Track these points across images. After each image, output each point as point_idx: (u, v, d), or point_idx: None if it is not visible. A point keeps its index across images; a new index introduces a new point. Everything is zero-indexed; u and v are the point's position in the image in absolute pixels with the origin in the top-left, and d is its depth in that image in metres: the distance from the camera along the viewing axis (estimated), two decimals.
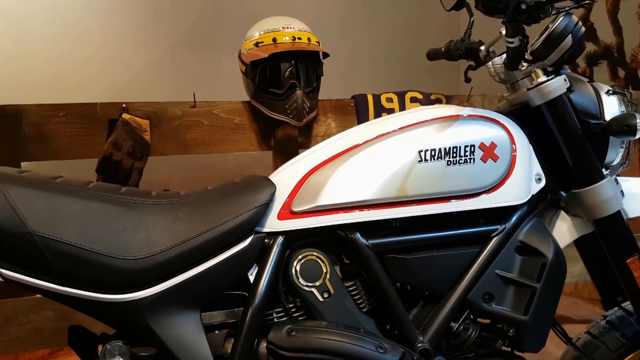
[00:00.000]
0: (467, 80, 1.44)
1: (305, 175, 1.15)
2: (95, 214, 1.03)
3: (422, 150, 1.13)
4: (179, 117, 2.06)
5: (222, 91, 2.26)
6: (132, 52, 2.73)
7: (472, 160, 1.14)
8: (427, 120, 1.17)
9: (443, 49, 1.49)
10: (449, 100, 2.24)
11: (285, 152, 2.16)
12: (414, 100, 2.17)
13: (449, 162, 1.13)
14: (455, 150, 1.13)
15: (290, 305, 1.15)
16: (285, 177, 1.17)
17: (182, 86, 2.67)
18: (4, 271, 0.98)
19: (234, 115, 2.14)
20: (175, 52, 2.83)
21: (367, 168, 1.14)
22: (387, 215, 1.13)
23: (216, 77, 2.91)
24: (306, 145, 2.22)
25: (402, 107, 2.16)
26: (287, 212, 1.14)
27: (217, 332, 1.11)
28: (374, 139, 1.16)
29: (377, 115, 2.13)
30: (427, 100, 2.17)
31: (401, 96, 2.18)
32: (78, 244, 1.00)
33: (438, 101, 2.18)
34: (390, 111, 2.16)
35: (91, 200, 1.05)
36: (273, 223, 1.13)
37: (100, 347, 1.12)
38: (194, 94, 2.05)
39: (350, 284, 1.17)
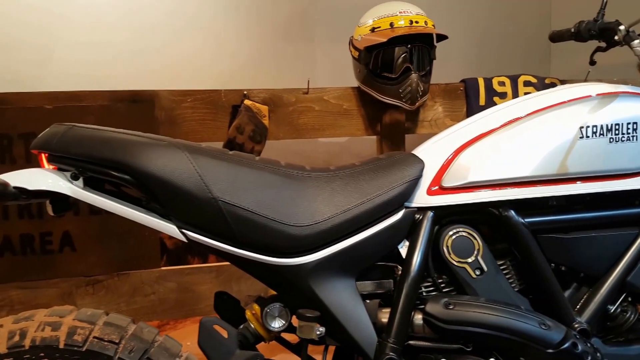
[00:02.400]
0: (593, 62, 1.41)
1: (456, 150, 1.16)
2: (267, 183, 1.09)
3: (583, 127, 1.12)
4: (292, 103, 2.12)
5: (316, 79, 2.31)
6: (238, 44, 2.83)
7: (635, 137, 1.12)
8: (586, 97, 1.16)
9: (573, 30, 1.46)
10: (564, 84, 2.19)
11: (392, 137, 2.19)
12: (527, 84, 2.14)
13: (611, 140, 1.12)
14: (617, 127, 1.11)
15: (439, 281, 1.17)
16: (434, 152, 1.18)
17: (279, 75, 2.75)
18: (188, 232, 1.06)
19: (343, 101, 2.18)
20: (275, 43, 2.90)
21: (524, 144, 1.14)
22: (546, 193, 1.13)
23: (310, 66, 2.97)
24: (412, 131, 2.24)
25: (515, 91, 2.13)
26: (437, 188, 1.15)
27: (368, 301, 1.15)
28: (528, 114, 1.16)
29: (489, 99, 2.12)
30: (541, 84, 2.13)
31: (514, 80, 2.16)
32: (254, 210, 1.06)
33: (552, 85, 2.14)
34: (503, 95, 2.14)
35: (262, 171, 1.11)
36: (422, 198, 1.16)
37: (248, 312, 1.19)
38: (308, 81, 2.10)
39: (500, 262, 1.18)
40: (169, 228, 1.06)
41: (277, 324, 1.14)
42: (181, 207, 1.04)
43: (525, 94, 2.10)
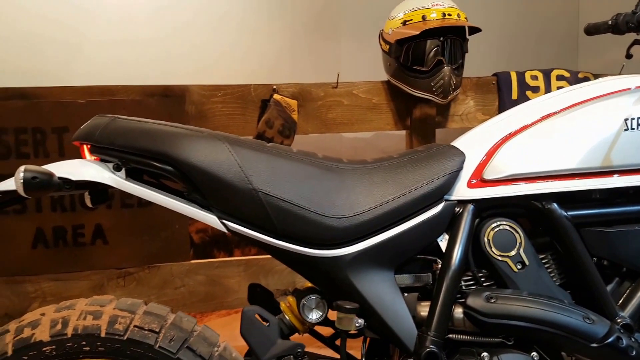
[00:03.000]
0: (629, 56, 1.39)
1: (498, 142, 1.15)
2: (305, 175, 1.09)
3: (628, 119, 1.10)
4: (321, 98, 2.12)
5: (342, 75, 2.30)
6: (266, 39, 2.84)
7: None
8: (625, 89, 1.14)
9: (610, 22, 1.43)
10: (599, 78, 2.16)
11: (422, 131, 2.17)
12: (560, 78, 2.11)
13: None
14: None
15: (480, 274, 1.16)
16: (475, 145, 1.17)
17: (307, 70, 2.75)
18: (228, 223, 1.06)
19: (372, 95, 2.17)
20: (302, 39, 2.91)
21: (567, 136, 1.12)
22: (589, 186, 1.11)
23: (337, 61, 2.96)
24: (443, 125, 2.22)
25: (548, 85, 2.10)
26: (478, 181, 1.14)
27: (406, 294, 1.14)
28: (570, 106, 1.15)
29: (521, 93, 2.09)
30: (574, 79, 2.10)
31: (546, 74, 2.13)
32: (294, 201, 1.06)
33: (586, 79, 2.11)
34: (535, 89, 2.11)
35: (301, 162, 1.10)
36: (463, 191, 1.14)
37: (282, 304, 1.19)
38: (337, 75, 2.09)
39: (541, 256, 1.16)
40: (210, 218, 1.06)
41: (314, 315, 1.14)
42: (222, 197, 1.05)
43: (558, 88, 2.08)
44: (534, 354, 1.09)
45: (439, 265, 1.13)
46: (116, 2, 2.63)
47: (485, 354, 1.07)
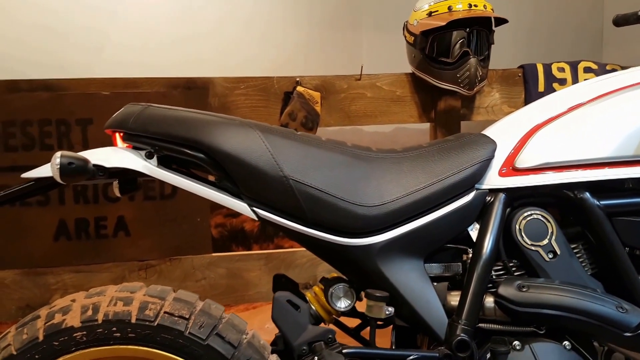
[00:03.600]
0: None
1: (530, 131, 1.13)
2: (336, 163, 1.08)
3: None
4: (344, 90, 2.11)
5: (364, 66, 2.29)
6: (288, 32, 2.84)
7: None
8: None
9: (639, 13, 1.41)
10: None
11: (447, 124, 2.15)
12: (587, 70, 2.08)
13: None
14: None
15: (510, 264, 1.14)
16: (506, 133, 1.16)
17: (329, 63, 2.74)
18: (259, 211, 1.05)
19: (396, 87, 2.16)
20: (323, 32, 2.89)
21: (599, 125, 1.11)
22: (622, 175, 1.09)
23: (358, 53, 2.95)
24: (468, 118, 2.20)
25: (575, 77, 2.07)
26: (510, 169, 1.13)
27: (435, 284, 1.13)
28: (602, 95, 1.13)
29: (548, 86, 2.06)
30: (602, 71, 2.07)
31: (574, 66, 2.10)
32: (325, 189, 1.05)
33: (614, 71, 2.07)
34: (562, 81, 2.08)
35: (330, 150, 1.10)
36: (494, 180, 1.13)
37: (308, 294, 1.18)
38: (361, 67, 2.08)
39: (573, 246, 1.14)
40: (241, 206, 1.06)
41: (342, 304, 1.13)
42: (253, 185, 1.04)
43: (586, 80, 2.04)
44: (566, 342, 1.08)
45: (470, 255, 1.12)
46: None
47: (516, 342, 1.06)
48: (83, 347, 1.08)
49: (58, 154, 0.97)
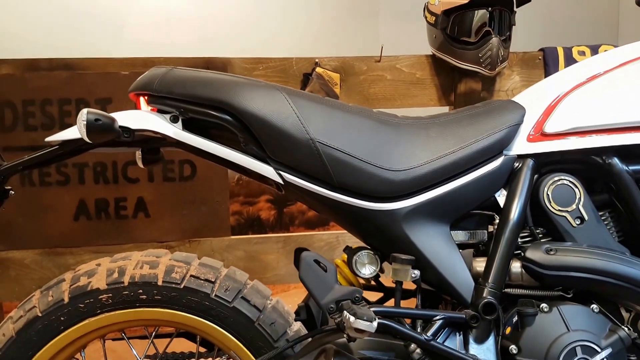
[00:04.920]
0: None
1: (561, 96, 1.12)
2: (362, 127, 1.07)
3: None
4: (364, 72, 2.10)
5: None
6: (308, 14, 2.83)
7: None
8: None
9: None
10: None
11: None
12: None
13: None
14: None
15: (537, 231, 1.13)
16: (535, 98, 1.14)
17: (349, 43, 2.73)
18: (285, 174, 1.05)
19: (416, 70, 2.14)
20: (342, 16, 2.89)
21: (630, 89, 1.09)
22: None
23: (374, 39, 2.94)
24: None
25: None
26: (539, 135, 1.11)
27: (461, 250, 1.12)
28: (633, 60, 1.11)
29: None
30: None
31: (594, 49, 2.08)
32: (352, 152, 1.04)
33: None
34: None
35: (357, 115, 1.09)
36: (523, 145, 1.12)
37: (337, 260, 1.17)
38: (381, 48, 2.07)
39: (600, 213, 1.13)
40: (266, 169, 1.05)
41: (367, 270, 1.12)
42: (279, 147, 1.04)
43: None
44: (594, 306, 1.06)
45: (497, 221, 1.11)
46: None
47: (544, 305, 1.05)
48: (108, 309, 1.09)
49: (85, 110, 0.97)
